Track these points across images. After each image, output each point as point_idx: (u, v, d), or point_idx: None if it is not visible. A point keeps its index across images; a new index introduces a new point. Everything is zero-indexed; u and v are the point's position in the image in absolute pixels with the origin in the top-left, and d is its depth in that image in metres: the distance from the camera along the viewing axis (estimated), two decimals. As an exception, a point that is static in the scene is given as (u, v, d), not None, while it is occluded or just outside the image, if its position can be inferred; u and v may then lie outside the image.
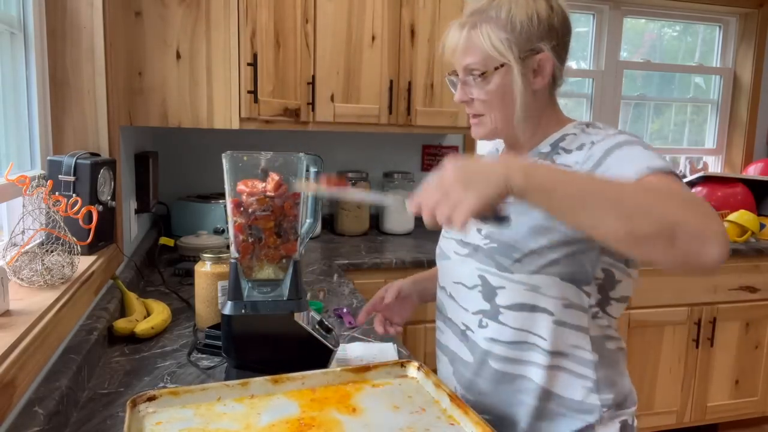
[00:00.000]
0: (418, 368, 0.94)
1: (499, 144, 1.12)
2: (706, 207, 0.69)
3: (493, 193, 0.69)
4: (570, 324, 0.93)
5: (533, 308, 0.93)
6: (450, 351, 1.07)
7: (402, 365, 0.96)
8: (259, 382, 0.88)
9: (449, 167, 0.71)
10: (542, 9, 0.92)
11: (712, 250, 0.65)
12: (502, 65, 0.93)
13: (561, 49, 0.96)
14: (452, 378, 1.06)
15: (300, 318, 1.02)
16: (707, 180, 2.96)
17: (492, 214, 0.72)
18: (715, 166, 3.47)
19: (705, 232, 0.66)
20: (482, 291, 0.97)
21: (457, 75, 0.99)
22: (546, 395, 0.95)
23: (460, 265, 1.02)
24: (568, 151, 0.93)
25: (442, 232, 1.12)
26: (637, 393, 1.04)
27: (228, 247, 1.09)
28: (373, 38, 2.34)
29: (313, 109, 2.29)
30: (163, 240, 1.87)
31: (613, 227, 0.67)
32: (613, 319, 0.98)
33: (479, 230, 0.99)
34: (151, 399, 0.82)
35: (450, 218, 0.70)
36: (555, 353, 0.94)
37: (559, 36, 0.94)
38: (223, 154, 1.00)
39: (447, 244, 1.08)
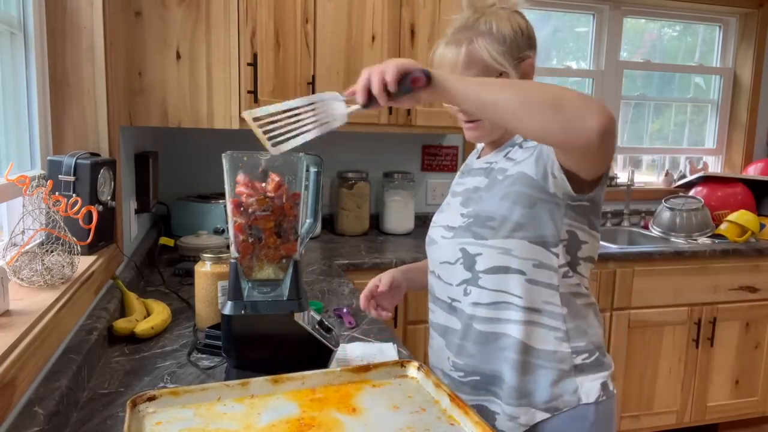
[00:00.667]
0: (418, 368, 0.94)
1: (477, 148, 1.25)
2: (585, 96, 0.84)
3: (410, 65, 0.84)
4: (541, 282, 1.04)
5: (507, 270, 1.03)
6: (440, 326, 1.16)
7: (402, 365, 0.96)
8: (259, 382, 0.88)
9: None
10: (521, 22, 1.07)
11: (594, 117, 0.79)
12: (500, 74, 1.04)
13: (536, 52, 1.10)
14: (444, 350, 1.14)
15: (300, 318, 1.02)
16: (707, 180, 2.96)
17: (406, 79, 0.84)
18: (715, 166, 3.47)
19: (586, 103, 0.80)
20: (463, 262, 1.08)
21: None
22: (525, 349, 1.04)
23: (445, 246, 1.12)
24: (521, 147, 1.06)
25: (431, 223, 1.22)
26: (636, 393, 1.08)
27: (228, 247, 1.09)
28: (373, 38, 2.35)
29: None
30: (163, 240, 1.87)
31: (508, 99, 0.82)
32: (583, 277, 1.08)
33: (461, 214, 1.10)
34: (151, 399, 0.82)
35: (382, 80, 0.83)
36: (529, 309, 1.04)
37: (535, 43, 1.10)
38: (223, 154, 1.00)
39: (435, 232, 1.18)
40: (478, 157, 1.19)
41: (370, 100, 0.88)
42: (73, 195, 1.21)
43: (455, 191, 1.18)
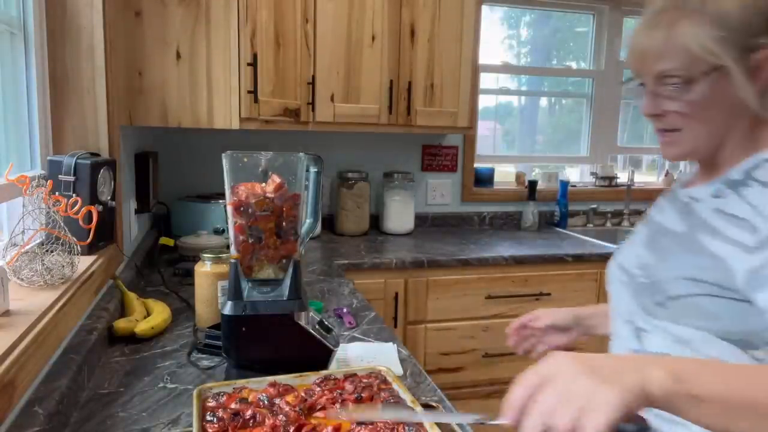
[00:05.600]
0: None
1: (690, 164, 0.98)
2: None
3: (632, 396, 0.53)
4: None
5: None
6: None
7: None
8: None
9: (561, 360, 0.56)
10: None
11: None
12: (714, 69, 0.76)
13: None
14: None
15: (300, 318, 1.02)
16: (707, 180, 2.96)
17: (630, 425, 0.55)
18: (715, 166, 3.47)
19: None
20: (632, 329, 0.87)
21: (643, 84, 0.84)
22: None
23: (618, 293, 0.93)
24: (762, 184, 0.75)
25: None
26: None
27: (228, 247, 1.09)
28: (373, 38, 2.34)
29: (313, 109, 2.29)
30: (163, 240, 1.87)
31: None
32: None
33: (638, 256, 0.88)
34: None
35: (579, 427, 0.52)
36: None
37: None
38: (223, 154, 1.00)
39: (612, 268, 0.97)
40: (687, 183, 0.92)
41: None
42: (73, 195, 1.21)
43: (651, 217, 0.95)
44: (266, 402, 0.82)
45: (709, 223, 0.79)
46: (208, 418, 0.77)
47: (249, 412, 0.79)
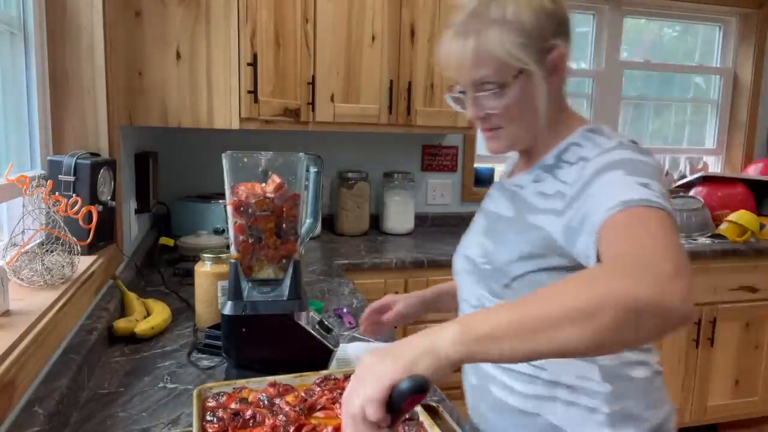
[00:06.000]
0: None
1: (513, 156, 1.06)
2: (666, 255, 0.60)
3: (417, 358, 0.58)
4: None
5: None
6: (465, 367, 1.05)
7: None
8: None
9: (365, 358, 0.61)
10: (546, 2, 0.85)
11: (681, 313, 0.57)
12: (520, 72, 0.85)
13: (570, 40, 0.89)
14: (468, 395, 1.05)
15: (300, 318, 1.02)
16: (707, 180, 2.96)
17: (409, 383, 0.57)
18: (715, 166, 3.47)
19: (666, 300, 0.56)
20: None
21: (462, 91, 0.91)
22: (553, 430, 0.87)
23: (465, 282, 1.00)
24: (570, 164, 0.86)
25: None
26: None
27: (228, 247, 1.09)
28: (373, 38, 2.34)
29: (313, 109, 2.29)
30: (163, 240, 1.87)
31: (577, 337, 0.56)
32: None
33: (480, 245, 0.95)
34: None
35: (363, 409, 0.57)
36: (558, 385, 0.87)
37: (567, 27, 0.88)
38: (223, 154, 1.00)
39: (457, 259, 1.04)
40: (511, 173, 1.03)
41: None
42: (73, 195, 1.21)
43: (485, 207, 1.03)
44: (266, 402, 0.82)
45: (532, 203, 0.89)
46: (208, 418, 0.77)
47: (249, 412, 0.79)
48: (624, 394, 0.87)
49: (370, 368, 0.59)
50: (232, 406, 0.81)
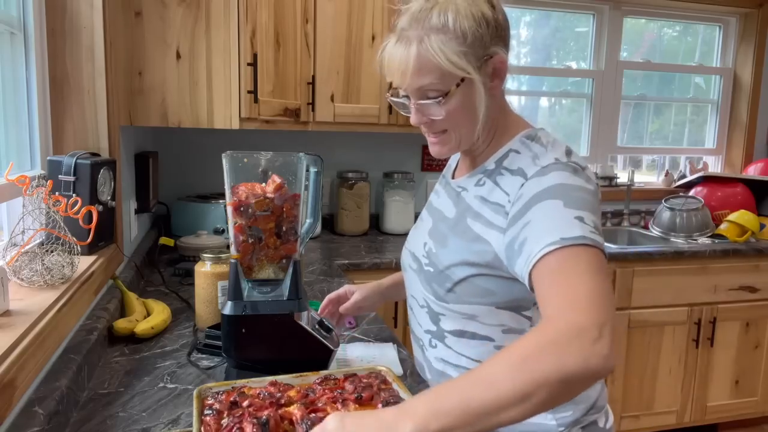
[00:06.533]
0: None
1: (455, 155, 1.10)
2: (586, 317, 0.67)
3: None
4: None
5: (473, 335, 0.93)
6: (418, 362, 1.09)
7: None
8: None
9: (331, 423, 0.66)
10: (485, 9, 0.86)
11: (601, 372, 0.65)
12: (462, 80, 0.86)
13: (508, 46, 0.91)
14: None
15: (300, 318, 1.02)
16: (707, 180, 2.96)
17: None
18: (715, 166, 3.47)
19: (588, 366, 0.64)
20: (428, 313, 0.98)
21: (405, 96, 0.92)
22: None
23: (412, 280, 1.03)
24: (510, 172, 0.89)
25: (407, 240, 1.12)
26: (637, 393, 1.03)
27: (228, 247, 1.09)
28: (373, 38, 2.34)
29: (313, 109, 2.29)
30: (163, 240, 1.87)
31: (518, 415, 0.64)
32: None
33: (424, 244, 0.99)
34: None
35: None
36: None
37: (506, 33, 0.90)
38: (223, 154, 1.00)
39: (405, 255, 1.08)
40: (454, 171, 1.06)
41: None
42: (73, 195, 1.21)
43: (431, 204, 1.07)
44: (266, 395, 0.82)
45: (473, 208, 0.92)
46: (206, 412, 0.78)
47: (246, 402, 0.79)
48: None
49: None
50: (230, 399, 0.81)
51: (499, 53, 0.88)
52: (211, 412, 0.77)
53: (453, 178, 1.05)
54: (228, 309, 1.00)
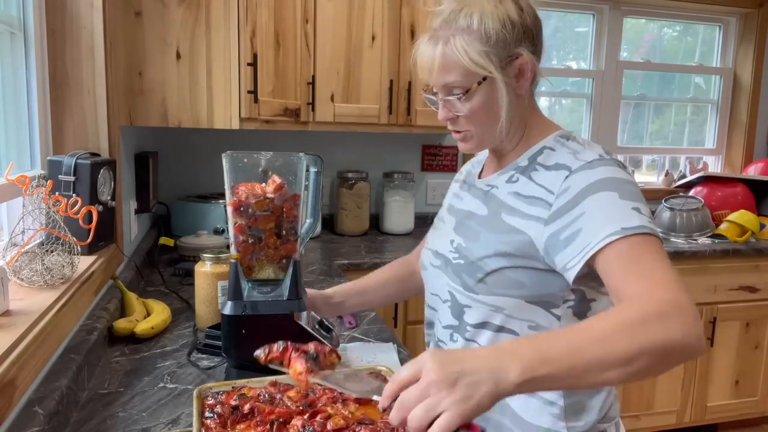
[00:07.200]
0: None
1: (480, 156, 1.12)
2: (680, 297, 0.70)
3: (483, 398, 0.61)
4: None
5: (499, 329, 0.92)
6: None
7: None
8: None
9: (430, 361, 0.64)
10: (512, 11, 0.89)
11: (697, 351, 0.69)
12: (484, 78, 0.89)
13: (537, 48, 0.93)
14: None
15: (300, 318, 1.02)
16: (707, 180, 2.96)
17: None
18: (715, 166, 3.47)
19: (689, 342, 0.67)
20: (451, 307, 0.98)
21: (435, 93, 0.96)
22: (517, 421, 0.93)
23: (435, 277, 1.03)
24: (546, 168, 0.91)
25: (424, 240, 1.12)
26: (636, 393, 1.04)
27: (228, 247, 1.09)
28: (373, 38, 2.34)
29: (313, 109, 2.29)
30: (163, 240, 1.87)
31: (616, 377, 0.66)
32: None
33: (451, 242, 0.99)
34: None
35: (424, 427, 0.61)
36: None
37: (534, 35, 0.92)
38: (223, 154, 1.00)
39: (425, 255, 1.08)
40: (481, 172, 1.06)
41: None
42: (73, 195, 1.21)
43: (452, 206, 1.07)
44: (267, 397, 0.82)
45: (508, 204, 0.93)
46: (207, 415, 0.78)
47: (248, 406, 0.79)
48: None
49: (462, 378, 0.62)
50: (232, 402, 0.81)
51: (524, 54, 0.90)
52: (212, 415, 0.77)
53: (479, 178, 1.05)
54: (228, 309, 1.00)
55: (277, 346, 0.84)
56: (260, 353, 0.83)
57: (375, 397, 0.72)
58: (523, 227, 0.89)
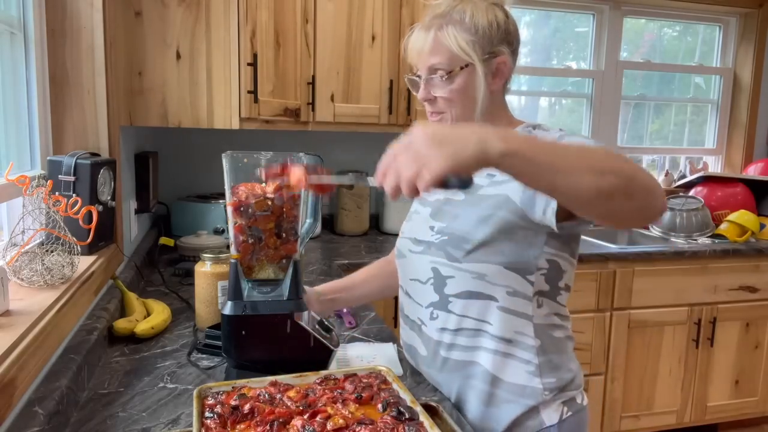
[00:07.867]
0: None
1: None
2: (647, 171, 0.78)
3: (468, 157, 0.66)
4: (515, 311, 1.00)
5: (479, 295, 1.00)
6: (410, 347, 1.13)
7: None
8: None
9: (418, 130, 0.69)
10: (500, 16, 1.01)
11: (659, 202, 0.75)
12: (466, 65, 0.99)
13: (515, 54, 1.04)
14: (421, 367, 1.13)
15: (300, 318, 1.02)
16: (707, 180, 2.96)
17: (456, 178, 0.67)
18: (715, 166, 3.47)
19: (653, 186, 0.75)
20: (434, 283, 1.04)
21: (418, 75, 1.04)
22: (493, 381, 1.01)
23: (415, 261, 1.09)
24: None
25: (400, 233, 1.17)
26: (636, 393, 1.07)
27: (228, 247, 1.09)
28: (373, 38, 2.34)
29: (313, 109, 2.29)
30: (163, 240, 1.87)
31: (585, 185, 0.70)
32: (561, 307, 1.05)
33: (431, 228, 1.06)
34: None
35: (415, 180, 0.66)
36: (501, 339, 1.00)
37: (513, 41, 1.03)
38: (223, 154, 1.00)
39: (403, 244, 1.14)
40: None
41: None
42: (73, 195, 1.21)
43: (425, 198, 1.13)
44: (267, 397, 0.82)
45: (481, 184, 1.01)
46: (207, 415, 0.78)
47: (248, 406, 0.79)
48: (548, 349, 1.02)
49: (449, 139, 0.67)
50: (232, 402, 0.81)
51: (504, 54, 1.01)
52: (212, 415, 0.77)
53: None
54: (228, 309, 1.00)
55: (275, 165, 0.93)
56: (259, 172, 0.92)
57: (369, 178, 0.77)
58: (498, 190, 0.98)
